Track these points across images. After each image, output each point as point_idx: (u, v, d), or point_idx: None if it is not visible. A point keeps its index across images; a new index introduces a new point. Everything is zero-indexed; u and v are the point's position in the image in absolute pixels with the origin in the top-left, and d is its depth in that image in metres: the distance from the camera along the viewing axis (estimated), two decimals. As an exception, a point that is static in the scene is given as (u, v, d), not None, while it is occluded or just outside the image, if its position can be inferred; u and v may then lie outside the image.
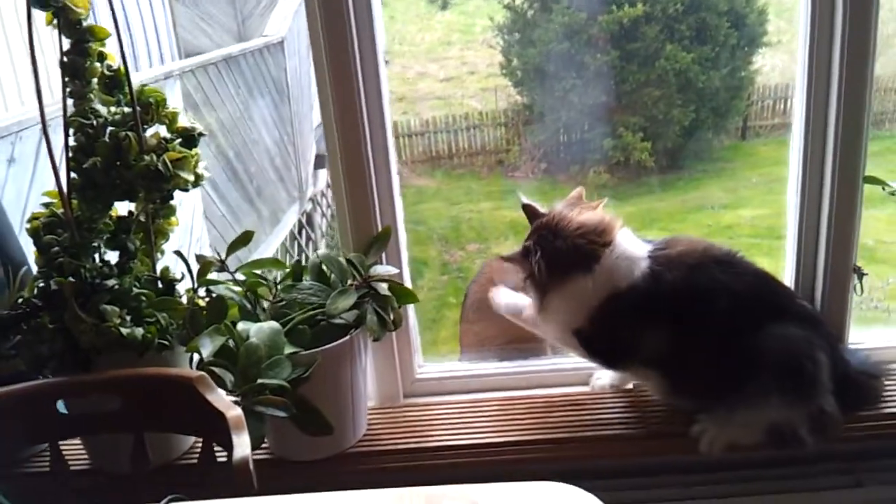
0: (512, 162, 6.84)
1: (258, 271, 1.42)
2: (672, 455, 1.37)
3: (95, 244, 1.30)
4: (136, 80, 1.34)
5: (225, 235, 3.68)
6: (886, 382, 1.38)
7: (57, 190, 1.27)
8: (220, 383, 1.19)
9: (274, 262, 1.46)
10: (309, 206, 4.74)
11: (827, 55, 1.34)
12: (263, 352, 1.21)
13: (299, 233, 4.64)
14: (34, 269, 1.33)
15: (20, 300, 1.26)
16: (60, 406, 1.26)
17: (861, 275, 1.42)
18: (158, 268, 1.40)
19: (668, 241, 1.34)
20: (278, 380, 1.21)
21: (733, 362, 1.27)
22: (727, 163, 6.09)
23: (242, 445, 1.01)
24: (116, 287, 1.24)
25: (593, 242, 1.29)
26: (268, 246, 4.12)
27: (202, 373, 1.14)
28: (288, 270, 1.41)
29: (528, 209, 1.41)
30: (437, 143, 7.01)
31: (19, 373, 1.31)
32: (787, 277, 1.48)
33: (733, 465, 1.36)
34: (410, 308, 1.52)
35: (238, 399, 1.18)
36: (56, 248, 1.23)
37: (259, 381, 1.19)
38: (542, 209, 1.39)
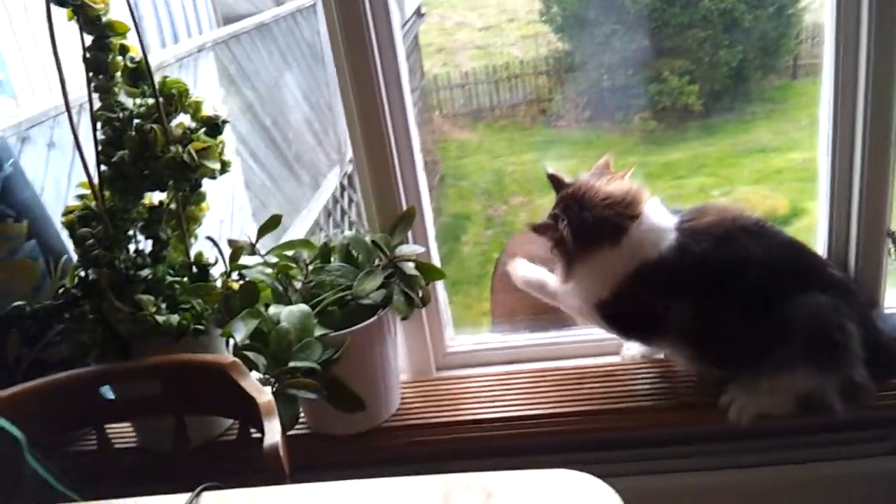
0: (555, 111, 6.76)
1: (289, 252, 1.45)
2: (703, 425, 1.37)
3: (130, 233, 1.34)
4: (171, 54, 1.36)
5: (267, 204, 3.73)
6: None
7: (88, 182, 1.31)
8: (254, 367, 1.23)
9: (304, 244, 1.48)
10: (349, 168, 4.76)
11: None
12: (294, 335, 1.25)
13: (341, 195, 4.67)
14: (74, 257, 1.38)
15: (61, 290, 1.32)
16: (105, 391, 1.32)
17: (896, 239, 1.39)
18: (193, 253, 1.44)
19: (697, 210, 1.32)
20: (309, 362, 1.24)
21: (761, 332, 1.26)
22: (778, 104, 5.92)
23: (273, 431, 1.04)
24: (150, 277, 1.28)
25: (620, 215, 1.28)
26: (309, 211, 4.17)
27: (235, 358, 1.18)
28: (316, 252, 1.44)
29: (553, 179, 1.40)
30: (478, 94, 6.95)
31: (64, 358, 1.38)
32: (820, 242, 1.46)
33: (766, 433, 1.36)
34: (440, 284, 1.53)
35: (271, 382, 1.22)
36: (91, 241, 1.28)
37: (290, 364, 1.22)
38: (567, 179, 1.38)
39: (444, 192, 6.45)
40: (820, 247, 1.46)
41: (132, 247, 1.34)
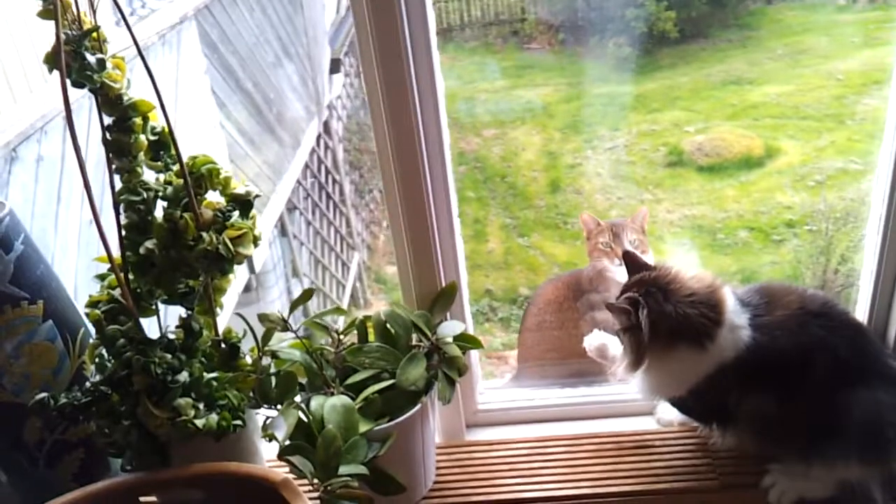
0: (528, 33, 6.56)
1: (320, 321, 1.40)
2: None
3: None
4: (153, 30, 1.24)
5: (248, 172, 3.54)
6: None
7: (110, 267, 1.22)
8: (299, 472, 1.19)
9: (336, 311, 1.42)
10: (326, 114, 4.56)
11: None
12: (340, 440, 1.20)
13: (317, 143, 4.49)
14: (90, 327, 1.30)
15: (88, 385, 1.24)
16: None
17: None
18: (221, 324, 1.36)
19: (763, 297, 1.30)
20: (356, 463, 1.21)
21: (820, 421, 1.26)
22: (752, 31, 5.84)
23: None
24: (188, 381, 1.21)
25: (707, 317, 1.24)
26: (291, 173, 3.98)
27: (286, 476, 1.13)
28: (350, 326, 1.38)
29: (628, 257, 1.36)
30: (448, 12, 6.70)
31: (86, 438, 1.33)
32: (861, 306, 1.45)
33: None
34: (473, 347, 1.49)
35: (319, 490, 1.18)
36: (122, 341, 1.20)
37: (340, 471, 1.19)
38: (642, 258, 1.34)
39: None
40: (861, 311, 1.46)
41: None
